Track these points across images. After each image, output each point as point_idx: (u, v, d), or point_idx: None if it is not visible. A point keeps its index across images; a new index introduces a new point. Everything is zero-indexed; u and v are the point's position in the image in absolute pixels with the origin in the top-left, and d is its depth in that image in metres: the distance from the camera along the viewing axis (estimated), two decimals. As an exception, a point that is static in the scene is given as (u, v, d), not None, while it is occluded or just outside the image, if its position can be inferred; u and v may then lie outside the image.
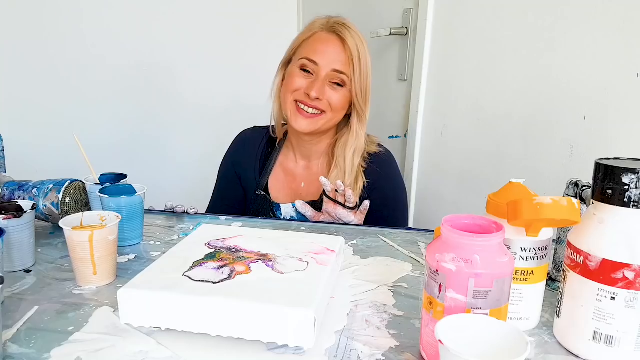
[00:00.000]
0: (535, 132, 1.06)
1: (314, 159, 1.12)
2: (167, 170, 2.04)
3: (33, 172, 1.05)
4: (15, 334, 0.56)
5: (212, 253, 0.64)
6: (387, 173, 1.09)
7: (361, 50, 1.00)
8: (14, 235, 0.71)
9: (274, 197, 1.12)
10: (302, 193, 1.11)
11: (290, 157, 1.14)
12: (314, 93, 0.99)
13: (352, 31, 1.00)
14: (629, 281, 0.49)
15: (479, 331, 0.45)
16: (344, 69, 0.99)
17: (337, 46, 0.99)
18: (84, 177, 0.91)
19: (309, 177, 1.12)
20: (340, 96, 1.01)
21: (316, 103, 1.00)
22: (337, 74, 1.00)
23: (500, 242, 0.49)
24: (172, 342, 0.54)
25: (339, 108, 1.02)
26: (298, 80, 1.01)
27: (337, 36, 1.00)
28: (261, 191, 1.13)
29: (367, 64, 1.01)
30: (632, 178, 0.49)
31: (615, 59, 0.87)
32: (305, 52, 1.01)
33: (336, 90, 1.01)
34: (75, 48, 1.89)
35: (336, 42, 1.00)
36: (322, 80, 0.99)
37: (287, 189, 1.13)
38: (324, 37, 1.01)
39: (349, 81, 1.00)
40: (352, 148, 1.05)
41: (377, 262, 0.79)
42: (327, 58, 0.99)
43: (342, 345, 0.55)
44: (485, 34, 1.20)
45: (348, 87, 1.01)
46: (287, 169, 1.14)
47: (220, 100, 2.02)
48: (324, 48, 1.00)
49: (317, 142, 1.10)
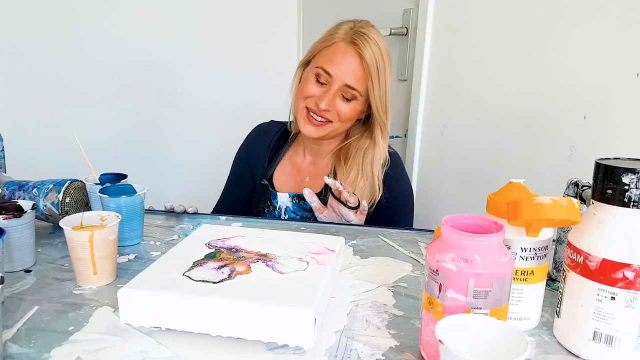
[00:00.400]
0: (535, 132, 1.06)
1: (321, 157, 1.14)
2: (167, 170, 2.04)
3: (33, 172, 1.05)
4: (16, 334, 0.56)
5: (212, 253, 0.64)
6: (395, 174, 1.09)
7: (380, 65, 0.99)
8: (14, 235, 0.71)
9: (278, 188, 1.14)
10: (305, 186, 1.12)
11: (299, 152, 1.16)
12: (324, 105, 0.99)
13: (372, 43, 0.98)
14: (629, 281, 0.49)
15: (479, 331, 0.45)
16: (357, 85, 0.99)
17: (354, 61, 0.98)
18: (84, 177, 0.91)
19: (314, 172, 1.14)
20: (350, 109, 1.02)
21: (324, 113, 1.01)
22: (349, 89, 1.00)
23: (500, 242, 0.49)
24: (172, 342, 0.54)
25: (347, 119, 1.03)
26: (311, 88, 1.02)
27: (355, 49, 0.98)
28: (265, 181, 1.14)
29: (385, 75, 1.01)
30: (632, 178, 0.49)
31: (615, 59, 0.87)
32: (322, 61, 1.01)
33: (347, 103, 1.01)
34: (76, 48, 1.89)
35: (353, 56, 0.98)
36: (334, 92, 1.00)
37: (291, 181, 1.15)
38: (342, 48, 1.00)
39: (361, 96, 1.01)
40: (378, 162, 1.05)
41: (377, 262, 0.79)
42: (342, 71, 0.99)
43: (342, 345, 0.55)
44: (485, 34, 1.20)
45: (360, 100, 1.02)
46: (294, 162, 1.16)
47: (220, 99, 2.02)
48: (340, 60, 0.99)
49: (326, 145, 1.12)
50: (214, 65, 1.99)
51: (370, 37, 0.99)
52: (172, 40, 1.94)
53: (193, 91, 2.01)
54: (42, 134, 1.93)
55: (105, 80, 1.94)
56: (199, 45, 1.96)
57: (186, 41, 1.95)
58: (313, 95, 1.02)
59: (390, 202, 1.07)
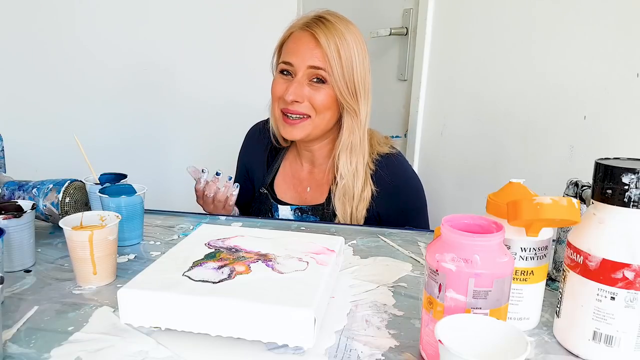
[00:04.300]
0: (535, 132, 1.06)
1: (318, 164, 1.10)
2: (167, 170, 2.04)
3: (33, 172, 1.05)
4: (15, 334, 0.56)
5: (212, 253, 0.64)
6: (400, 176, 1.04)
7: (340, 43, 0.93)
8: (14, 235, 0.71)
9: (280, 197, 1.11)
10: (307, 197, 1.10)
11: (297, 159, 1.13)
12: (290, 96, 0.94)
13: (329, 24, 0.94)
14: (629, 281, 0.49)
15: (479, 331, 0.45)
16: (321, 64, 0.94)
17: (310, 42, 0.94)
18: (84, 177, 0.91)
19: (314, 183, 1.10)
20: (323, 95, 0.96)
21: (297, 107, 0.96)
22: (315, 70, 0.94)
23: (500, 242, 0.49)
24: (172, 342, 0.54)
25: (322, 108, 0.97)
26: (278, 87, 0.98)
27: (308, 32, 0.95)
28: (264, 189, 1.12)
29: (352, 57, 0.95)
30: (632, 178, 0.49)
31: (615, 59, 0.87)
32: (283, 55, 0.99)
33: (318, 89, 0.96)
34: (75, 48, 1.89)
35: (309, 38, 0.95)
36: (299, 80, 0.95)
37: (292, 191, 1.12)
38: (297, 35, 0.97)
39: (330, 77, 0.95)
40: (346, 148, 1.00)
41: (377, 262, 0.79)
42: (301, 56, 0.94)
43: (342, 345, 0.55)
44: (485, 34, 1.20)
45: (331, 83, 0.96)
46: (295, 171, 1.13)
47: (220, 99, 2.02)
48: (296, 47, 0.96)
49: (319, 148, 1.07)
50: (213, 65, 1.99)
51: (326, 19, 0.95)
52: (172, 39, 1.94)
53: (192, 91, 2.01)
54: (42, 134, 1.93)
55: (105, 80, 1.94)
56: (199, 46, 1.96)
57: (186, 41, 1.95)
58: (281, 93, 0.97)
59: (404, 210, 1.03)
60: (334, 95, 0.97)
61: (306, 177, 1.11)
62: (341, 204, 1.02)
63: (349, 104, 0.98)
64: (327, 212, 1.05)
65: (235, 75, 2.00)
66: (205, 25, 1.95)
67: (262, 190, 1.12)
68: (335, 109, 1.00)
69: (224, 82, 2.02)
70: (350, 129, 1.00)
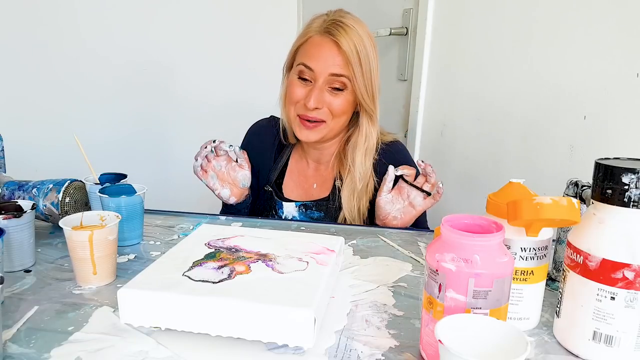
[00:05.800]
0: (535, 132, 1.06)
1: (324, 161, 1.11)
2: (167, 170, 2.04)
3: (33, 172, 1.05)
4: (15, 334, 0.56)
5: (212, 253, 0.64)
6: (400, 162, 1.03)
7: (360, 49, 0.95)
8: (13, 235, 0.71)
9: (287, 195, 1.11)
10: (313, 194, 1.11)
11: (303, 158, 1.13)
12: (312, 103, 0.96)
13: (348, 29, 0.95)
14: (629, 281, 0.49)
15: (479, 331, 0.45)
16: (343, 71, 0.95)
17: (332, 49, 0.95)
18: (84, 177, 0.91)
19: (320, 179, 1.11)
20: (342, 101, 0.98)
21: (316, 113, 0.98)
22: (336, 78, 0.96)
23: (500, 242, 0.49)
24: (172, 342, 0.54)
25: (340, 113, 0.99)
26: (297, 91, 0.99)
27: (330, 38, 0.95)
28: (269, 187, 1.12)
29: (370, 61, 0.97)
30: (632, 178, 0.49)
31: (615, 59, 0.87)
32: (301, 58, 0.98)
33: (337, 95, 0.97)
34: (75, 48, 1.89)
35: (331, 44, 0.95)
36: (320, 87, 0.97)
37: (299, 188, 1.12)
38: (317, 40, 0.97)
39: (351, 83, 0.97)
40: (362, 150, 1.02)
41: (377, 262, 0.79)
42: (323, 63, 0.95)
43: (342, 345, 0.55)
44: (485, 34, 1.20)
45: (350, 89, 0.98)
46: (301, 169, 1.13)
47: (221, 98, 2.02)
48: (318, 52, 0.96)
49: (327, 148, 1.09)
50: (214, 65, 2.00)
51: (345, 24, 0.95)
52: (172, 39, 1.95)
53: (193, 91, 2.01)
54: (42, 134, 1.93)
55: (105, 80, 1.94)
56: (199, 45, 1.97)
57: (186, 41, 1.95)
58: (300, 98, 0.98)
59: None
60: (351, 100, 1.00)
61: (312, 174, 1.12)
62: (349, 199, 1.04)
63: (368, 106, 1.01)
64: (331, 206, 1.06)
65: (236, 74, 2.01)
66: (205, 24, 1.95)
67: (266, 188, 1.12)
68: (350, 112, 1.03)
69: (225, 81, 2.02)
70: (368, 131, 1.03)
